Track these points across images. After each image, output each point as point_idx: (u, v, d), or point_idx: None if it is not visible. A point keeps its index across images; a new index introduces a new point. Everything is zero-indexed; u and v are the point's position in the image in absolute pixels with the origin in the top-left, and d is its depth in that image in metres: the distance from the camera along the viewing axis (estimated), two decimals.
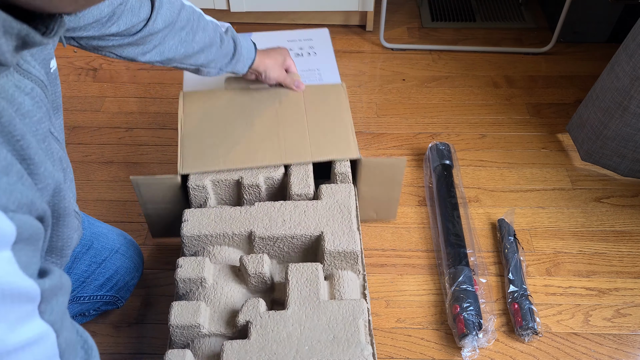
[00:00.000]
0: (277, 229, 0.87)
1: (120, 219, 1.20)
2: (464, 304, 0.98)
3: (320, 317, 0.77)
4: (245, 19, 1.74)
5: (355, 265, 0.86)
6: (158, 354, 0.99)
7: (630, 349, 0.99)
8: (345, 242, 0.85)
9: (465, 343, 0.96)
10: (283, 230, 0.87)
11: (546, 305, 1.05)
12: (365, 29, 1.74)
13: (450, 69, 1.60)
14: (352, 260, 0.85)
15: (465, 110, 1.47)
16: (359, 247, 0.85)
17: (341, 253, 0.84)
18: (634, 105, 1.12)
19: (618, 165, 1.24)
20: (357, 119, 1.44)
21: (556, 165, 1.32)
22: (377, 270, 1.11)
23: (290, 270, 0.82)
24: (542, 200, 1.24)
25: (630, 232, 1.17)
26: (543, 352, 0.99)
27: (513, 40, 1.70)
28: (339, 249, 0.84)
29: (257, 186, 0.94)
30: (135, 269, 1.01)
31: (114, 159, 1.34)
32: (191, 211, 0.90)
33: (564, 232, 1.17)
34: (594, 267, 1.11)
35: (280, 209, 0.90)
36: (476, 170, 1.31)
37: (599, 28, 1.64)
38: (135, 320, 1.04)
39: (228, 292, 0.83)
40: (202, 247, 0.90)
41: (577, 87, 1.53)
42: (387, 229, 1.18)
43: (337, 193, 0.92)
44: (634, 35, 1.10)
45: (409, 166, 1.32)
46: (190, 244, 0.89)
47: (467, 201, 1.23)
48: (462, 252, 1.07)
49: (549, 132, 1.40)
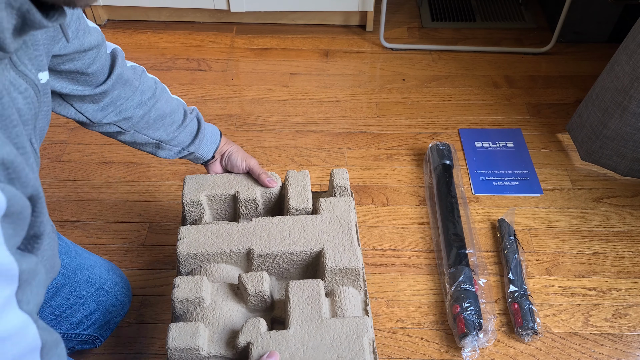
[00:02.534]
0: (276, 245, 0.85)
1: (120, 219, 1.20)
2: (464, 304, 0.98)
3: (323, 336, 0.75)
4: (245, 19, 1.74)
5: (357, 281, 0.85)
6: (158, 354, 0.99)
7: (630, 349, 0.99)
8: (347, 258, 0.83)
9: (466, 343, 0.96)
10: (282, 247, 0.85)
11: (546, 305, 1.05)
12: (365, 29, 1.74)
13: (450, 69, 1.60)
14: (353, 277, 0.84)
15: (465, 110, 1.47)
16: (360, 264, 0.83)
17: (343, 270, 0.83)
18: (634, 105, 1.12)
19: (618, 164, 1.24)
20: (357, 119, 1.44)
21: (556, 165, 1.32)
22: (377, 270, 1.11)
23: (291, 288, 0.80)
24: (542, 200, 1.24)
25: (630, 232, 1.17)
26: (543, 352, 0.99)
27: (513, 40, 1.70)
28: (340, 266, 0.82)
29: (254, 201, 0.92)
30: (120, 307, 0.94)
31: (114, 159, 1.34)
32: (186, 228, 0.88)
33: (564, 232, 1.17)
34: (594, 267, 1.11)
35: (279, 225, 0.88)
36: None
37: (599, 28, 1.64)
38: (135, 320, 1.04)
39: (227, 312, 0.80)
40: (198, 265, 0.87)
41: (577, 87, 1.53)
42: (387, 229, 1.18)
43: (336, 207, 0.90)
44: (634, 35, 1.10)
45: (409, 166, 1.32)
46: (186, 262, 0.86)
47: (467, 201, 1.23)
48: (462, 252, 1.07)
49: (549, 132, 1.40)
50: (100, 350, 0.99)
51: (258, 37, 1.71)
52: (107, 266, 0.93)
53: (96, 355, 0.99)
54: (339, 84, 1.55)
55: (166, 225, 1.19)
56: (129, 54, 1.65)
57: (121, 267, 1.11)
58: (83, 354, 0.98)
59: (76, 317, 0.87)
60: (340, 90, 1.52)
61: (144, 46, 1.68)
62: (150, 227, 1.19)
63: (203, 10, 1.71)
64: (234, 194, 0.92)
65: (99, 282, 0.89)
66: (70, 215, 1.21)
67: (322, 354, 0.73)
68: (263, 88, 1.54)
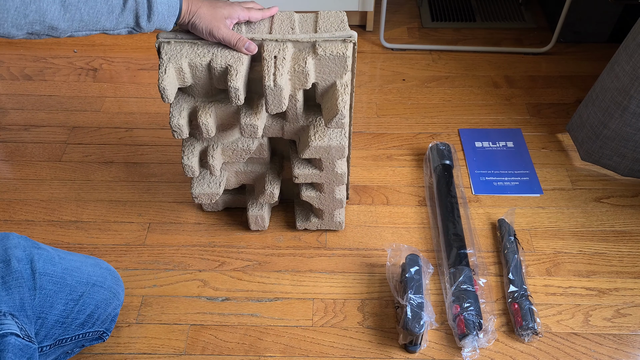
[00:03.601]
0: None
1: (120, 219, 1.20)
2: (464, 304, 0.98)
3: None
4: None
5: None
6: (158, 354, 0.99)
7: (630, 349, 0.99)
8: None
9: (466, 343, 0.96)
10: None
11: (546, 305, 1.05)
12: (365, 29, 1.74)
13: (450, 69, 1.60)
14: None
15: (465, 110, 1.47)
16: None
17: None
18: (634, 105, 1.12)
19: (618, 165, 1.24)
20: (357, 119, 1.44)
21: (556, 165, 1.32)
22: (378, 270, 1.11)
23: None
24: (542, 200, 1.24)
25: (630, 232, 1.17)
26: (543, 352, 0.99)
27: (513, 40, 1.70)
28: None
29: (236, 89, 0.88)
30: (116, 298, 0.94)
31: (114, 159, 1.34)
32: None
33: (564, 232, 1.17)
34: (594, 267, 1.11)
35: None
36: None
37: (599, 28, 1.64)
38: (136, 320, 1.04)
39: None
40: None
41: (577, 87, 1.53)
42: (387, 229, 1.18)
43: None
44: (634, 35, 1.10)
45: (409, 166, 1.32)
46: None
47: (467, 201, 1.23)
48: (462, 252, 1.07)
49: (549, 132, 1.40)
50: (100, 350, 0.99)
51: None
52: (92, 263, 0.93)
53: (96, 355, 0.99)
54: None
55: (166, 225, 1.19)
56: (129, 54, 1.65)
57: (121, 267, 1.11)
58: (83, 354, 0.99)
59: (80, 318, 0.88)
60: None
61: (144, 46, 1.68)
62: (150, 227, 1.19)
63: None
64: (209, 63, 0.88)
65: (90, 280, 0.89)
66: (70, 215, 1.21)
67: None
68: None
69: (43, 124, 1.42)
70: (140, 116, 1.44)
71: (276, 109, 0.88)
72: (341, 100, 0.87)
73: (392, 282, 1.04)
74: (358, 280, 1.09)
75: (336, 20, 0.91)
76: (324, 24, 0.90)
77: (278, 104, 0.87)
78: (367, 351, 0.99)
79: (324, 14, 0.92)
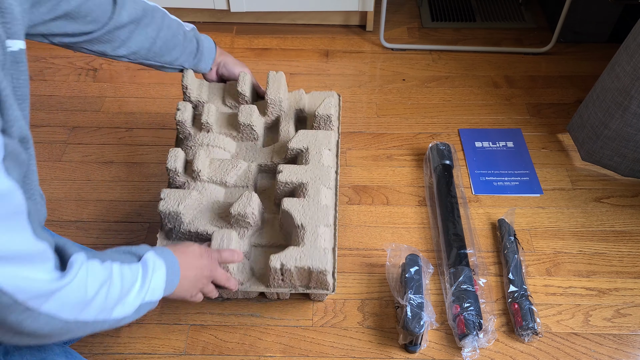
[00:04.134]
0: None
1: (120, 219, 1.20)
2: (464, 304, 0.98)
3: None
4: (245, 19, 1.74)
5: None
6: (158, 353, 0.99)
7: (630, 349, 0.99)
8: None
9: (466, 343, 0.96)
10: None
11: (546, 305, 1.05)
12: (365, 29, 1.74)
13: (450, 69, 1.60)
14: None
15: (465, 110, 1.47)
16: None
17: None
18: (635, 105, 1.12)
19: (618, 165, 1.24)
20: (357, 119, 1.44)
21: (556, 165, 1.32)
22: (377, 270, 1.11)
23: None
24: (542, 200, 1.24)
25: (630, 232, 1.17)
26: (543, 352, 0.99)
27: (513, 40, 1.70)
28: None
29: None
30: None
31: (114, 159, 1.34)
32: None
33: (564, 232, 1.17)
34: (594, 267, 1.11)
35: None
36: None
37: (599, 28, 1.64)
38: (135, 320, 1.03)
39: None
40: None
41: (577, 87, 1.53)
42: (387, 229, 1.18)
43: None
44: (635, 35, 1.10)
45: (409, 166, 1.32)
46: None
47: (467, 201, 1.23)
48: (462, 252, 1.07)
49: (549, 132, 1.40)
50: (100, 350, 0.99)
51: (258, 37, 1.71)
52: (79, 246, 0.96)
53: (96, 355, 0.99)
54: (339, 84, 1.55)
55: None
56: None
57: None
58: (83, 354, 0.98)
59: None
60: (340, 90, 1.52)
61: None
62: (150, 227, 1.19)
63: (203, 10, 1.71)
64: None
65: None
66: (70, 215, 1.21)
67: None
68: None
69: (43, 124, 1.42)
70: (140, 116, 1.44)
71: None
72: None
73: (392, 282, 1.04)
74: (358, 280, 1.09)
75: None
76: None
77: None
78: (367, 351, 0.99)
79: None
